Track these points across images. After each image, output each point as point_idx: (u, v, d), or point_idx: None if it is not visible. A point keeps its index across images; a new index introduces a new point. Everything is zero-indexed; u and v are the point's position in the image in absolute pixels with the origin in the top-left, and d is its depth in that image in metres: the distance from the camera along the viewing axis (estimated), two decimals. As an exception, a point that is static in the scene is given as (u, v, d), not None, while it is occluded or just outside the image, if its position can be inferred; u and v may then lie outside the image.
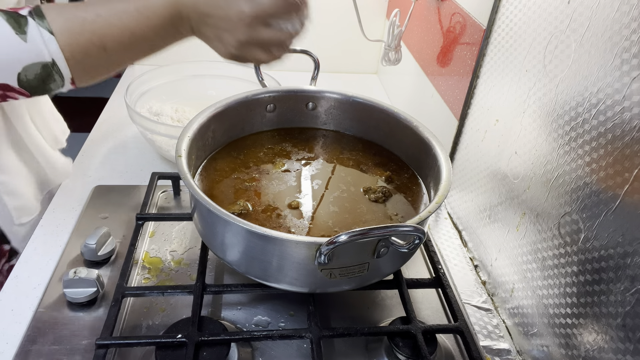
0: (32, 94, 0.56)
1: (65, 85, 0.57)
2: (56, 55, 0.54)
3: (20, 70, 0.53)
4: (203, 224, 0.63)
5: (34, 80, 0.55)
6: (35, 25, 0.52)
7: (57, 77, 0.56)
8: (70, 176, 0.89)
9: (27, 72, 0.54)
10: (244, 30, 0.58)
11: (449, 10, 0.92)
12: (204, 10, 0.58)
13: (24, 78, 0.54)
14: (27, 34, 0.52)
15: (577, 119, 0.55)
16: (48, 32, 0.53)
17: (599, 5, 0.52)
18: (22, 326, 0.63)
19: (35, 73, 0.54)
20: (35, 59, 0.53)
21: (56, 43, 0.53)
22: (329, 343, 0.63)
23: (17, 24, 0.52)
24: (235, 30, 0.58)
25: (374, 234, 0.51)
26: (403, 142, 0.79)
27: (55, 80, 0.56)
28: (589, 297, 0.52)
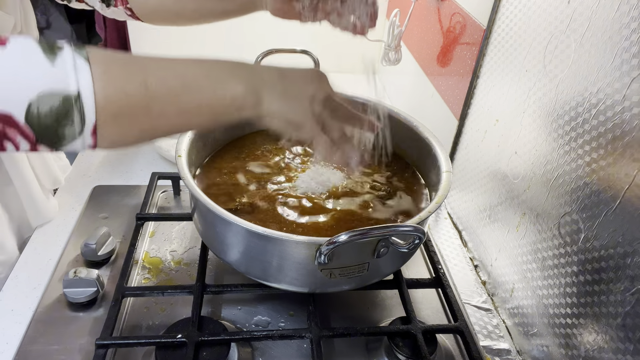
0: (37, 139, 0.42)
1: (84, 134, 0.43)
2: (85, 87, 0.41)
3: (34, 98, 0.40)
4: (203, 224, 0.63)
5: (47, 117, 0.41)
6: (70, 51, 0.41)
7: (77, 119, 0.42)
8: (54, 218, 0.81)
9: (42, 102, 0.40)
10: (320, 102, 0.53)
11: (449, 10, 0.92)
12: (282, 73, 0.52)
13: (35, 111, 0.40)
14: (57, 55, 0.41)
15: (577, 119, 0.55)
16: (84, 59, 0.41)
17: (599, 5, 0.52)
18: (22, 326, 0.63)
19: (51, 106, 0.40)
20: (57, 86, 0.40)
21: (89, 71, 0.41)
22: (329, 343, 0.63)
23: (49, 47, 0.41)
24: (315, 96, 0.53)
25: (374, 234, 0.51)
26: (403, 142, 0.78)
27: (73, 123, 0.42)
28: (589, 297, 0.52)
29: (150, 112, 0.45)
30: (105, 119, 0.43)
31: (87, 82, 0.41)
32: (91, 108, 0.42)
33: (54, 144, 0.43)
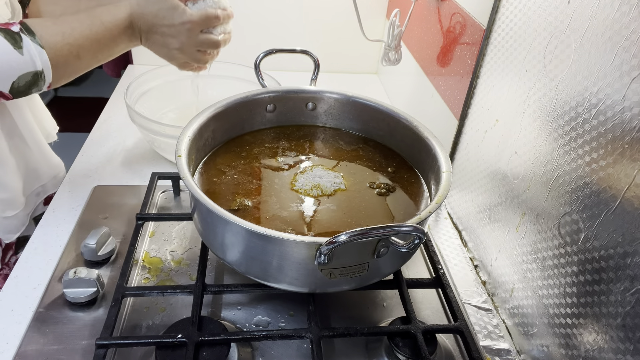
0: (14, 97, 0.66)
1: (43, 89, 0.68)
2: (45, 65, 0.65)
3: (16, 78, 0.64)
4: (203, 224, 0.63)
5: (23, 86, 0.65)
6: (29, 41, 0.63)
7: (41, 83, 0.66)
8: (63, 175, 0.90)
9: (20, 80, 0.64)
10: (186, 34, 0.74)
11: (449, 10, 0.92)
12: (151, 21, 0.73)
13: (16, 85, 0.64)
14: (23, 48, 0.63)
15: (577, 119, 0.55)
16: (39, 46, 0.64)
17: (599, 5, 0.52)
18: (22, 326, 0.63)
19: (26, 80, 0.65)
20: (29, 69, 0.64)
21: (46, 55, 0.65)
22: (329, 343, 0.63)
23: (14, 40, 0.62)
24: (178, 35, 0.74)
25: (374, 233, 0.51)
26: (403, 142, 0.79)
27: (37, 85, 0.66)
28: (589, 297, 0.52)
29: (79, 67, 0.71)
30: (55, 78, 0.68)
31: (46, 61, 0.65)
32: (49, 75, 0.67)
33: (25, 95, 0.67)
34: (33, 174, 0.86)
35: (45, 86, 0.68)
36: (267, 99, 0.81)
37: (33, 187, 0.87)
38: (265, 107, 0.81)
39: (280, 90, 0.82)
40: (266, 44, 0.86)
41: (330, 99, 0.83)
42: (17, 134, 0.81)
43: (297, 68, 1.30)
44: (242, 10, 1.30)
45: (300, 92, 0.83)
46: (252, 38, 1.34)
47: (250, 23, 1.33)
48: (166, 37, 0.74)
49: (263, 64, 0.82)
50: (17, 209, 0.82)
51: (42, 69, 0.65)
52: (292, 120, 0.84)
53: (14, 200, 0.81)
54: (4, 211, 0.80)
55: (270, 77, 0.98)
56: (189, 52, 0.77)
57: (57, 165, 0.92)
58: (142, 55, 1.35)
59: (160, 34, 0.74)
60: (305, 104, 0.83)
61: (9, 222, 0.81)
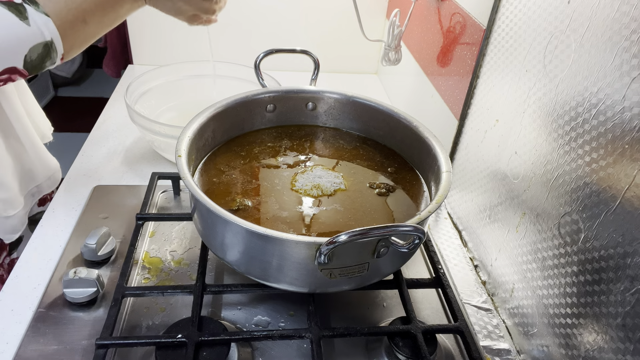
0: (30, 73, 0.64)
1: (57, 61, 0.67)
2: (54, 35, 0.63)
3: (27, 52, 0.62)
4: (203, 224, 0.63)
5: (36, 60, 0.63)
6: (33, 11, 0.61)
7: (54, 54, 0.65)
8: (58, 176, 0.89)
9: (32, 52, 0.62)
10: None
11: (449, 10, 0.92)
12: None
13: (29, 59, 0.62)
14: (28, 19, 0.60)
15: (577, 119, 0.55)
16: (45, 15, 0.62)
17: (599, 5, 0.52)
18: (22, 326, 0.63)
19: (38, 53, 0.63)
20: (38, 40, 0.62)
21: (53, 23, 0.63)
22: (329, 343, 0.63)
23: (18, 12, 0.60)
24: None
25: (374, 233, 0.51)
26: (403, 142, 0.79)
27: (51, 57, 0.65)
28: (589, 297, 0.52)
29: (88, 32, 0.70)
30: (67, 48, 0.67)
31: (54, 30, 0.63)
32: (60, 45, 0.65)
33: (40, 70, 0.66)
34: (28, 174, 0.86)
35: (59, 58, 0.66)
36: (267, 99, 0.81)
37: (29, 187, 0.87)
38: (265, 107, 0.81)
39: (280, 90, 0.82)
40: (266, 44, 0.86)
41: (330, 99, 0.83)
42: (13, 134, 0.80)
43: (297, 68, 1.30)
44: (242, 11, 1.30)
45: (300, 92, 0.83)
46: (252, 38, 1.34)
47: (250, 23, 1.33)
48: None
49: (263, 64, 0.82)
50: (17, 209, 0.82)
51: (51, 38, 0.63)
52: (292, 120, 0.84)
53: (13, 200, 0.81)
54: (5, 211, 0.80)
55: (270, 77, 0.98)
56: (194, 2, 0.77)
57: (53, 165, 0.91)
58: (142, 55, 1.35)
59: None
60: (305, 104, 0.83)
61: (10, 222, 0.81)
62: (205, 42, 0.96)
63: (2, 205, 0.79)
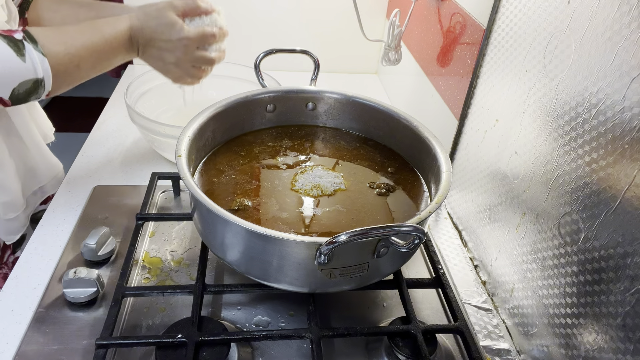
0: (12, 104, 0.66)
1: (42, 96, 0.68)
2: (46, 73, 0.66)
3: (16, 85, 0.64)
4: (203, 224, 0.63)
5: (23, 94, 0.66)
6: (31, 49, 0.64)
7: (40, 90, 0.67)
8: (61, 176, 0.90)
9: (21, 87, 0.65)
10: (182, 50, 0.75)
11: (449, 10, 0.92)
12: (150, 35, 0.74)
13: (16, 92, 0.65)
14: (25, 55, 0.63)
15: (577, 119, 0.55)
16: (42, 54, 0.65)
17: (599, 5, 0.52)
18: (22, 326, 0.63)
19: (26, 88, 0.65)
20: (30, 76, 0.64)
21: (48, 63, 0.65)
22: (329, 343, 0.63)
23: (16, 48, 0.63)
24: (175, 50, 0.75)
25: (374, 233, 0.51)
26: (403, 142, 0.79)
27: (37, 93, 0.67)
28: (589, 297, 0.52)
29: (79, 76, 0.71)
30: (55, 87, 0.68)
31: (47, 69, 0.66)
32: (49, 83, 0.67)
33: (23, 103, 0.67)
34: (32, 174, 0.86)
35: (44, 94, 0.68)
36: (267, 99, 0.81)
37: (32, 188, 0.87)
38: (265, 107, 0.81)
39: (280, 90, 0.82)
40: (266, 44, 0.86)
41: (330, 99, 0.83)
42: (15, 134, 0.81)
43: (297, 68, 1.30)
44: (242, 11, 1.30)
45: (300, 92, 0.83)
46: (252, 38, 1.34)
47: (250, 23, 1.33)
48: (163, 52, 0.75)
49: (263, 64, 0.82)
50: (17, 211, 0.82)
51: (42, 76, 0.65)
52: (292, 120, 0.84)
53: (14, 203, 0.81)
54: (6, 214, 0.80)
55: (270, 77, 0.98)
56: (184, 67, 0.78)
57: (56, 165, 0.92)
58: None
59: (158, 48, 0.75)
60: (305, 104, 0.83)
61: (11, 224, 0.82)
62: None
63: (2, 208, 0.79)
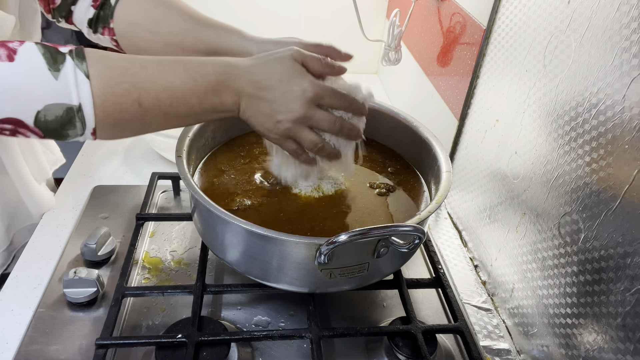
0: (45, 136, 0.51)
1: (85, 135, 0.52)
2: (85, 101, 0.49)
3: (41, 108, 0.49)
4: (203, 224, 0.63)
5: (53, 122, 0.50)
6: (72, 65, 0.49)
7: (79, 125, 0.50)
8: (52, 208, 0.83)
9: (48, 112, 0.49)
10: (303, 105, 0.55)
11: (449, 10, 0.92)
12: (262, 83, 0.55)
13: (42, 117, 0.49)
14: (60, 71, 0.48)
15: (577, 119, 0.55)
16: (84, 74, 0.49)
17: (599, 5, 0.52)
18: (22, 326, 0.63)
19: (56, 115, 0.49)
20: (61, 100, 0.49)
21: (89, 87, 0.49)
22: (329, 343, 0.63)
23: (52, 60, 0.48)
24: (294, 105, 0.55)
25: (374, 234, 0.51)
26: (403, 142, 0.79)
27: (75, 127, 0.51)
28: (589, 297, 0.52)
29: (143, 121, 0.53)
30: (103, 126, 0.51)
31: (87, 97, 0.49)
32: (91, 117, 0.50)
33: (60, 139, 0.52)
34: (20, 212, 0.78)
35: (88, 132, 0.51)
36: (267, 99, 0.80)
37: (20, 225, 0.80)
38: (265, 107, 0.81)
39: (280, 90, 0.82)
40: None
41: (330, 99, 0.83)
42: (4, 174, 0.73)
43: (297, 68, 1.29)
44: (241, 10, 1.30)
45: (300, 92, 0.82)
46: (252, 38, 1.34)
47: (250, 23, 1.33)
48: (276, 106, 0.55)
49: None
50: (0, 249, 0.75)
51: (79, 104, 0.49)
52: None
53: None
54: None
55: (270, 77, 0.97)
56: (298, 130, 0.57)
57: (47, 201, 0.82)
58: (142, 55, 1.35)
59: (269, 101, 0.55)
60: (305, 104, 0.83)
61: None
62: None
63: None
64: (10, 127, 0.49)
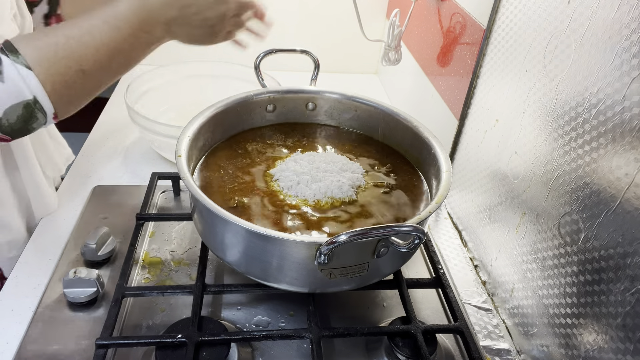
0: (13, 138, 0.53)
1: (48, 121, 0.54)
2: (37, 91, 0.51)
3: (1, 115, 0.50)
4: (203, 223, 0.63)
5: (17, 123, 0.51)
6: (10, 63, 0.49)
7: (40, 115, 0.52)
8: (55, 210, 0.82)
9: (9, 115, 0.50)
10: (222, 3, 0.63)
11: (449, 10, 0.92)
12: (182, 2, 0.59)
13: (6, 122, 0.50)
14: (3, 73, 0.48)
15: (577, 119, 0.55)
16: (25, 67, 0.49)
17: (599, 5, 0.52)
18: (22, 326, 0.63)
19: (17, 115, 0.50)
20: (16, 100, 0.50)
21: (35, 77, 0.50)
22: (329, 343, 0.63)
23: None
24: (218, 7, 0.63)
25: (374, 233, 0.51)
26: (403, 142, 0.79)
27: (38, 119, 0.53)
28: (589, 297, 0.52)
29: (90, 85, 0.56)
30: (60, 107, 0.54)
31: (37, 87, 0.50)
32: (48, 104, 0.52)
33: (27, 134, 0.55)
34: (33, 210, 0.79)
35: (50, 117, 0.54)
36: (267, 99, 0.81)
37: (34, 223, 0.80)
38: (265, 107, 0.81)
39: (280, 90, 0.82)
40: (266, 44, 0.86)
41: (330, 99, 0.83)
42: (17, 174, 0.74)
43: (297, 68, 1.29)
44: (242, 10, 1.30)
45: (300, 92, 0.83)
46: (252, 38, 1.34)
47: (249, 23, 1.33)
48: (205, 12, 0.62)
49: (263, 64, 0.82)
50: (21, 249, 0.76)
51: (33, 96, 0.50)
52: (292, 121, 0.84)
53: (17, 240, 0.75)
54: (10, 251, 0.75)
55: (270, 77, 0.98)
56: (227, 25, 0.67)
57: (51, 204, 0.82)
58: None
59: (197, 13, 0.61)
60: (306, 104, 0.83)
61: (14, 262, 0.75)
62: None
63: (6, 247, 0.74)
64: None
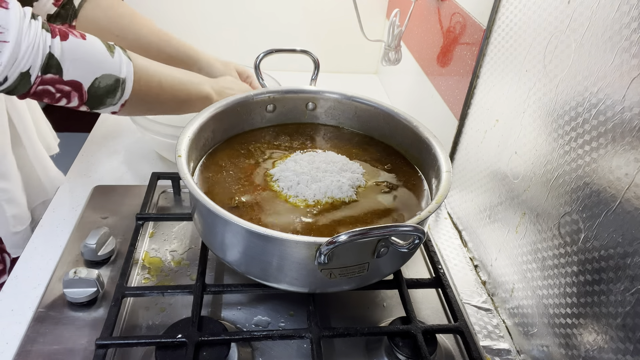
0: (87, 103, 0.64)
1: (116, 106, 0.67)
2: (128, 76, 0.66)
3: (99, 75, 0.63)
4: (203, 223, 0.63)
5: (101, 89, 0.64)
6: (120, 52, 0.66)
7: (119, 94, 0.66)
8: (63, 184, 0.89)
9: (102, 80, 0.63)
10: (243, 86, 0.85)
11: (449, 10, 0.92)
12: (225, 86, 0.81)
13: (97, 84, 0.63)
14: (114, 52, 0.65)
15: (577, 119, 0.55)
16: (128, 59, 0.66)
17: (599, 5, 0.52)
18: (22, 326, 0.63)
19: (107, 83, 0.64)
20: (114, 71, 0.64)
21: (132, 67, 0.66)
22: (329, 343, 0.63)
23: (108, 47, 0.65)
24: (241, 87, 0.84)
25: (374, 233, 0.51)
26: (403, 142, 0.79)
27: (115, 96, 0.66)
28: (589, 297, 0.52)
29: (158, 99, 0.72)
30: (132, 98, 0.67)
31: (130, 72, 0.66)
32: (129, 89, 0.66)
33: (94, 106, 0.66)
34: (36, 187, 0.86)
35: (120, 102, 0.67)
36: (267, 99, 0.81)
37: (37, 200, 0.87)
38: (265, 107, 0.81)
39: (280, 90, 0.82)
40: (266, 44, 0.86)
41: (330, 99, 0.83)
42: (22, 149, 0.81)
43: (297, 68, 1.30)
44: (242, 11, 1.30)
45: (300, 92, 0.83)
46: (252, 38, 1.34)
47: (250, 23, 1.33)
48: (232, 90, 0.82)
49: (263, 64, 0.82)
50: (25, 224, 0.82)
51: (125, 77, 0.65)
52: (292, 120, 0.84)
53: (21, 216, 0.82)
54: (15, 226, 0.80)
55: (270, 77, 0.98)
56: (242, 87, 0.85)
57: (58, 177, 0.92)
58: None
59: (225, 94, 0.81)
60: (306, 104, 0.83)
61: (18, 238, 0.82)
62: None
63: (12, 221, 0.79)
64: (67, 89, 0.61)
